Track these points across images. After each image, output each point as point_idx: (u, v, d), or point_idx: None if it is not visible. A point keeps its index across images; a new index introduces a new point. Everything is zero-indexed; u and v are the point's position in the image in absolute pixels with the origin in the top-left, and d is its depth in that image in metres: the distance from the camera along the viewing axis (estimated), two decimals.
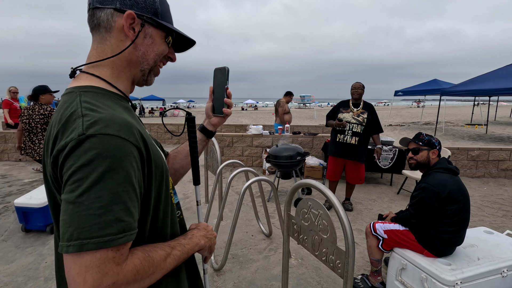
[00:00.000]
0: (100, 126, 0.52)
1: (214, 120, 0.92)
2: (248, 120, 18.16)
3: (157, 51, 0.71)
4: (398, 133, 12.01)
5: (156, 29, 0.70)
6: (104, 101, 0.61)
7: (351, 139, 3.54)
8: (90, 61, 0.66)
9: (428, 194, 1.86)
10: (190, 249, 0.71)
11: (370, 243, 2.16)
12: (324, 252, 1.59)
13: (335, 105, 3.89)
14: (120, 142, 0.53)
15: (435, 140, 2.08)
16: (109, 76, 0.67)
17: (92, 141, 0.51)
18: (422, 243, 1.92)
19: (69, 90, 0.63)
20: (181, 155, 0.93)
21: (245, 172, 2.75)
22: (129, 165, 0.53)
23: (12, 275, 2.33)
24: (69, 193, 0.49)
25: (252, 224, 3.30)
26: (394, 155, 4.85)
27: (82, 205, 0.48)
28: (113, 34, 0.65)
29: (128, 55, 0.67)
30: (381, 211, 3.88)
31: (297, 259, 2.59)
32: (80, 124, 0.52)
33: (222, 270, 2.40)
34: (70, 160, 0.51)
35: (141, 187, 0.58)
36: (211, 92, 0.90)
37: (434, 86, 12.55)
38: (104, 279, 0.48)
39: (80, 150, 0.50)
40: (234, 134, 6.01)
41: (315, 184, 1.63)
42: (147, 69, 0.72)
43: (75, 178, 0.49)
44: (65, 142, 0.52)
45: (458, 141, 10.11)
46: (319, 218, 1.61)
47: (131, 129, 0.57)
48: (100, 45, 0.66)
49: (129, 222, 0.52)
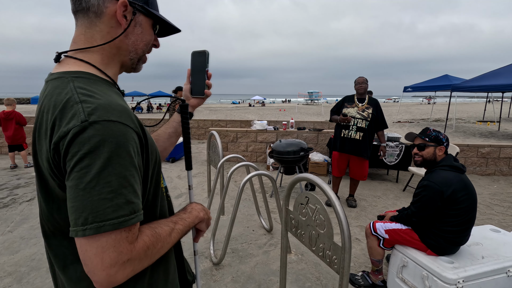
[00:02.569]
0: (102, 112, 0.53)
1: (193, 102, 0.96)
2: (254, 117, 18.12)
3: (145, 40, 0.72)
4: (406, 130, 11.80)
5: (146, 18, 0.70)
6: (98, 86, 0.61)
7: (356, 135, 3.48)
8: (77, 45, 0.65)
9: (430, 193, 1.80)
10: (191, 222, 0.74)
11: (371, 243, 2.10)
12: (321, 248, 1.57)
13: (340, 100, 3.83)
14: (122, 128, 0.54)
15: (443, 136, 2.00)
16: (98, 62, 0.66)
17: (96, 128, 0.51)
18: (425, 242, 1.86)
19: (57, 75, 0.62)
20: (162, 137, 0.95)
21: (246, 166, 2.73)
22: (132, 150, 0.55)
23: (15, 265, 2.38)
24: (78, 180, 0.50)
25: (253, 219, 3.29)
26: (401, 151, 4.75)
27: (93, 190, 0.50)
28: (104, 20, 0.64)
29: (118, 43, 0.67)
30: (386, 208, 3.81)
31: (297, 255, 2.56)
32: (80, 110, 0.53)
33: (221, 264, 2.40)
34: (74, 147, 0.51)
35: (141, 171, 0.60)
36: (189, 74, 0.93)
37: (445, 81, 12.24)
38: (119, 257, 0.52)
39: (84, 137, 0.51)
40: (239, 129, 5.99)
41: (312, 178, 1.59)
42: (135, 58, 0.73)
43: (83, 164, 0.50)
44: (67, 129, 0.51)
45: (469, 138, 9.87)
46: (316, 213, 1.58)
47: (130, 115, 0.59)
48: (88, 30, 0.64)
49: (137, 203, 0.55)
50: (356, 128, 3.47)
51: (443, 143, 1.97)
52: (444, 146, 1.97)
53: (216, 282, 2.19)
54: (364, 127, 3.45)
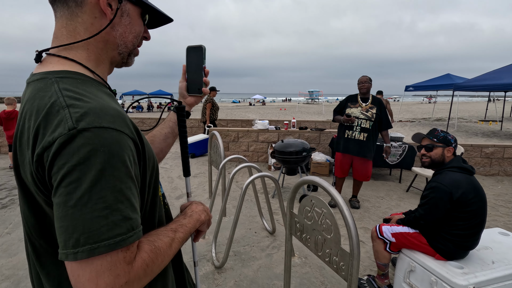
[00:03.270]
0: (92, 117, 0.47)
1: (190, 100, 0.90)
2: (255, 116, 18.05)
3: (135, 32, 0.66)
4: (408, 129, 11.74)
5: (134, 6, 0.64)
6: (86, 88, 0.54)
7: (360, 135, 3.41)
8: (59, 41, 0.58)
9: (439, 194, 1.74)
10: (192, 227, 0.69)
11: (377, 247, 2.05)
12: (327, 253, 1.52)
13: (342, 99, 3.76)
14: (116, 135, 0.49)
15: (451, 137, 1.94)
16: (85, 59, 0.59)
17: (86, 136, 0.45)
18: (434, 246, 1.81)
19: (40, 75, 0.55)
20: (158, 139, 0.88)
21: (248, 167, 2.68)
22: (127, 159, 0.49)
23: (13, 269, 2.33)
24: (66, 196, 0.44)
25: (255, 220, 3.24)
26: (404, 151, 4.70)
27: (85, 207, 0.44)
28: (86, 9, 0.57)
29: (105, 35, 0.60)
30: (389, 209, 3.76)
31: (300, 258, 2.52)
32: (67, 116, 0.46)
33: (223, 267, 2.35)
34: (61, 158, 0.45)
35: (138, 181, 0.54)
36: (185, 71, 0.87)
37: (447, 81, 12.15)
38: (116, 281, 0.46)
39: (73, 147, 0.45)
40: (240, 129, 5.94)
41: (319, 181, 1.54)
42: (125, 52, 0.66)
43: (71, 178, 0.44)
44: (52, 138, 0.45)
45: (472, 137, 9.81)
46: (322, 217, 1.53)
47: (125, 119, 0.53)
48: (70, 22, 0.57)
49: (136, 218, 0.50)
50: (360, 128, 3.41)
51: (451, 144, 1.92)
52: (452, 147, 1.91)
53: (218, 287, 2.14)
54: (368, 128, 3.38)
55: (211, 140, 3.71)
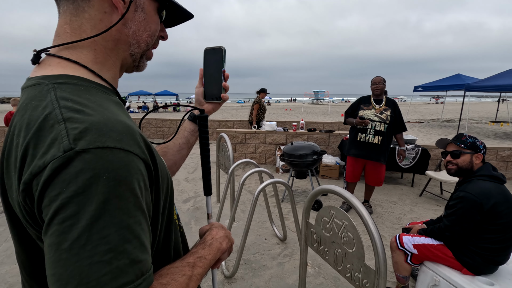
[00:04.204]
0: (94, 135, 0.38)
1: (207, 107, 0.80)
2: None
3: (150, 30, 0.56)
4: (417, 130, 11.52)
5: (150, 0, 0.55)
6: (90, 96, 0.45)
7: (374, 139, 3.24)
8: (61, 39, 0.48)
9: (467, 205, 1.62)
10: (212, 259, 0.58)
11: (397, 258, 1.93)
12: (348, 268, 1.41)
13: (354, 101, 3.62)
14: (123, 156, 0.39)
15: (480, 142, 1.81)
16: (91, 61, 0.50)
17: (86, 159, 0.36)
18: (460, 260, 1.69)
19: (35, 80, 0.46)
20: (172, 150, 0.79)
21: (258, 172, 2.58)
22: (137, 186, 0.40)
23: (17, 276, 2.27)
24: (60, 236, 0.35)
25: (265, 226, 3.14)
26: (417, 154, 4.55)
27: (83, 251, 0.35)
28: (94, 3, 0.48)
29: (115, 33, 0.51)
30: (403, 214, 3.63)
31: (314, 267, 2.41)
32: (63, 134, 0.37)
33: (234, 277, 2.25)
34: (54, 188, 0.36)
35: (149, 210, 0.45)
36: (202, 75, 0.77)
37: (458, 81, 11.91)
38: None
39: (69, 173, 0.36)
40: (247, 130, 5.84)
41: (339, 191, 1.43)
42: (138, 53, 0.56)
43: (67, 213, 0.35)
44: (43, 162, 0.36)
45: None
46: (343, 230, 1.43)
47: (134, 136, 0.43)
48: (75, 18, 0.48)
49: (145, 260, 0.40)
50: (374, 131, 3.23)
51: (480, 150, 1.79)
52: (481, 154, 1.79)
53: None
54: (382, 131, 3.21)
55: (219, 142, 3.62)
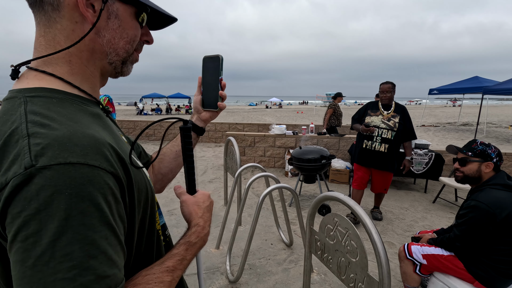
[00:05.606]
0: (56, 151, 0.38)
1: (205, 115, 0.81)
2: (272, 119, 17.93)
3: (127, 36, 0.54)
4: (432, 135, 11.20)
5: (124, 5, 0.53)
6: (62, 109, 0.45)
7: (380, 146, 3.08)
8: (38, 52, 0.49)
9: (479, 215, 1.55)
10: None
11: (405, 268, 1.87)
12: (352, 278, 1.37)
13: (362, 106, 3.43)
14: (88, 171, 0.39)
15: (492, 150, 1.72)
16: (67, 73, 0.50)
17: (47, 176, 0.36)
18: (472, 272, 1.62)
19: (10, 94, 0.47)
20: (168, 157, 0.79)
21: (265, 177, 2.57)
22: (103, 201, 0.40)
23: None
24: (24, 253, 0.35)
25: (271, 231, 3.11)
26: (430, 159, 4.41)
27: (46, 268, 0.35)
28: (64, 13, 0.48)
29: (89, 43, 0.51)
30: (415, 221, 3.52)
31: (319, 274, 2.37)
32: (25, 150, 0.38)
33: (238, 282, 2.24)
34: (16, 205, 0.36)
35: (124, 222, 0.45)
36: (200, 84, 0.78)
37: (475, 83, 11.51)
38: None
39: (31, 190, 0.36)
40: (256, 133, 5.84)
41: (343, 199, 1.41)
42: (118, 61, 0.55)
43: (29, 231, 0.35)
44: (5, 180, 0.37)
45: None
46: (347, 238, 1.39)
47: (101, 149, 0.43)
48: (48, 30, 0.48)
49: (114, 274, 0.40)
50: (380, 139, 3.06)
51: (491, 159, 1.71)
52: (492, 163, 1.71)
53: None
54: (390, 138, 3.03)
55: (227, 146, 3.63)
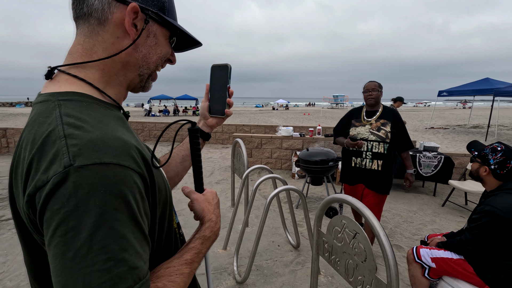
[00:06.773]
0: (92, 152, 0.42)
1: (211, 121, 0.84)
2: (278, 120, 17.94)
3: (160, 53, 0.61)
4: (441, 137, 11.04)
5: (161, 27, 0.59)
6: (92, 112, 0.49)
7: (372, 164, 2.42)
8: (72, 57, 0.53)
9: (493, 220, 1.53)
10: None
11: (413, 271, 1.86)
12: (359, 280, 1.38)
13: (344, 115, 2.79)
14: (120, 171, 0.43)
15: (493, 157, 1.72)
16: (97, 80, 0.54)
17: (84, 175, 0.40)
18: (482, 276, 1.60)
19: (44, 97, 0.50)
20: (174, 161, 0.82)
21: (272, 178, 2.59)
22: (132, 199, 0.44)
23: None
24: (64, 246, 0.39)
25: (278, 232, 3.12)
26: (439, 162, 4.36)
27: (84, 260, 0.38)
28: (108, 28, 0.53)
29: (125, 57, 0.56)
30: (423, 225, 3.48)
31: (327, 277, 2.37)
32: (63, 150, 0.41)
33: (245, 283, 2.26)
34: (55, 202, 0.39)
35: (148, 218, 0.49)
36: (208, 91, 0.82)
37: (486, 85, 11.32)
38: None
39: (69, 188, 0.39)
40: (263, 135, 5.86)
41: (351, 201, 1.41)
42: (146, 73, 0.61)
43: (68, 226, 0.39)
44: (46, 177, 0.40)
45: None
46: (354, 240, 1.40)
47: (129, 150, 0.47)
48: (88, 40, 0.53)
49: (142, 266, 0.43)
50: (371, 154, 2.41)
51: (488, 165, 1.74)
52: (489, 168, 1.75)
53: None
54: (382, 152, 2.38)
55: (235, 147, 3.66)
